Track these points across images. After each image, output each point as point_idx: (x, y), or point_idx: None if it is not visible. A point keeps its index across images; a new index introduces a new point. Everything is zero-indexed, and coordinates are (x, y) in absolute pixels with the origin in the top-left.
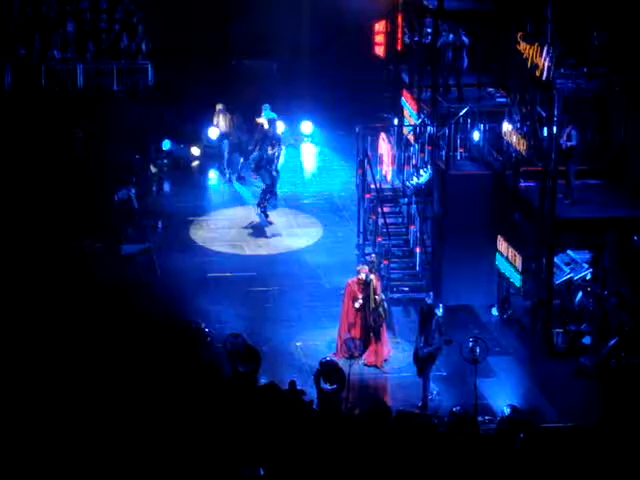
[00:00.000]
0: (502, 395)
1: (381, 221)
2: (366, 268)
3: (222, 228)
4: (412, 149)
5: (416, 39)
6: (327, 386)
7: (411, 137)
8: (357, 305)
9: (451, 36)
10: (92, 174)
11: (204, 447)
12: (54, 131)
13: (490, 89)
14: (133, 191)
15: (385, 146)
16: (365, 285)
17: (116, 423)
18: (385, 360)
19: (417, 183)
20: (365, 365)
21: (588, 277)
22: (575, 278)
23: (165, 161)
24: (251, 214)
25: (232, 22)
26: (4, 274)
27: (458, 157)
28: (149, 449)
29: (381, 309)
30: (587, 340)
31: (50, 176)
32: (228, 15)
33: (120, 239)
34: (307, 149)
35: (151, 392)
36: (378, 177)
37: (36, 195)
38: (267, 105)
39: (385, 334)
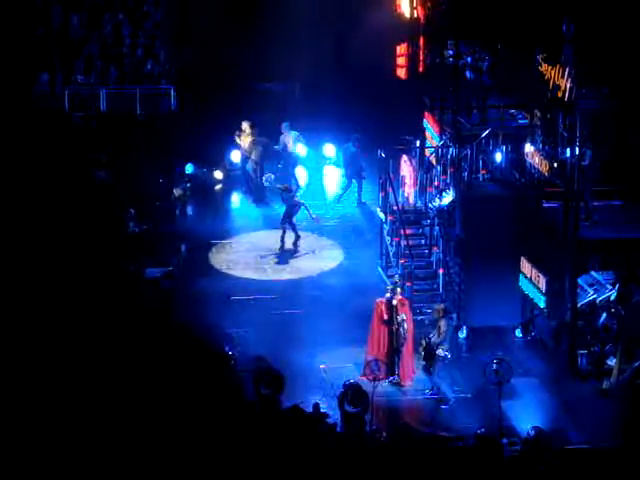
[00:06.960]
0: (526, 417)
1: (404, 243)
2: (398, 290)
3: (245, 251)
4: (434, 171)
5: (437, 60)
6: (351, 408)
7: (433, 159)
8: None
9: (469, 58)
10: (115, 199)
11: (229, 470)
12: (77, 156)
13: (512, 110)
14: None
15: (407, 168)
16: (391, 306)
17: (140, 445)
18: (408, 382)
19: (440, 205)
20: (392, 383)
21: (612, 298)
22: (599, 299)
23: (188, 185)
24: (274, 237)
25: (254, 45)
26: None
27: (480, 179)
28: (173, 471)
29: (402, 329)
30: (611, 361)
31: (73, 201)
32: (250, 38)
33: (142, 263)
34: (329, 172)
35: (175, 415)
36: (400, 199)
37: (58, 220)
38: (287, 123)
39: (408, 355)
